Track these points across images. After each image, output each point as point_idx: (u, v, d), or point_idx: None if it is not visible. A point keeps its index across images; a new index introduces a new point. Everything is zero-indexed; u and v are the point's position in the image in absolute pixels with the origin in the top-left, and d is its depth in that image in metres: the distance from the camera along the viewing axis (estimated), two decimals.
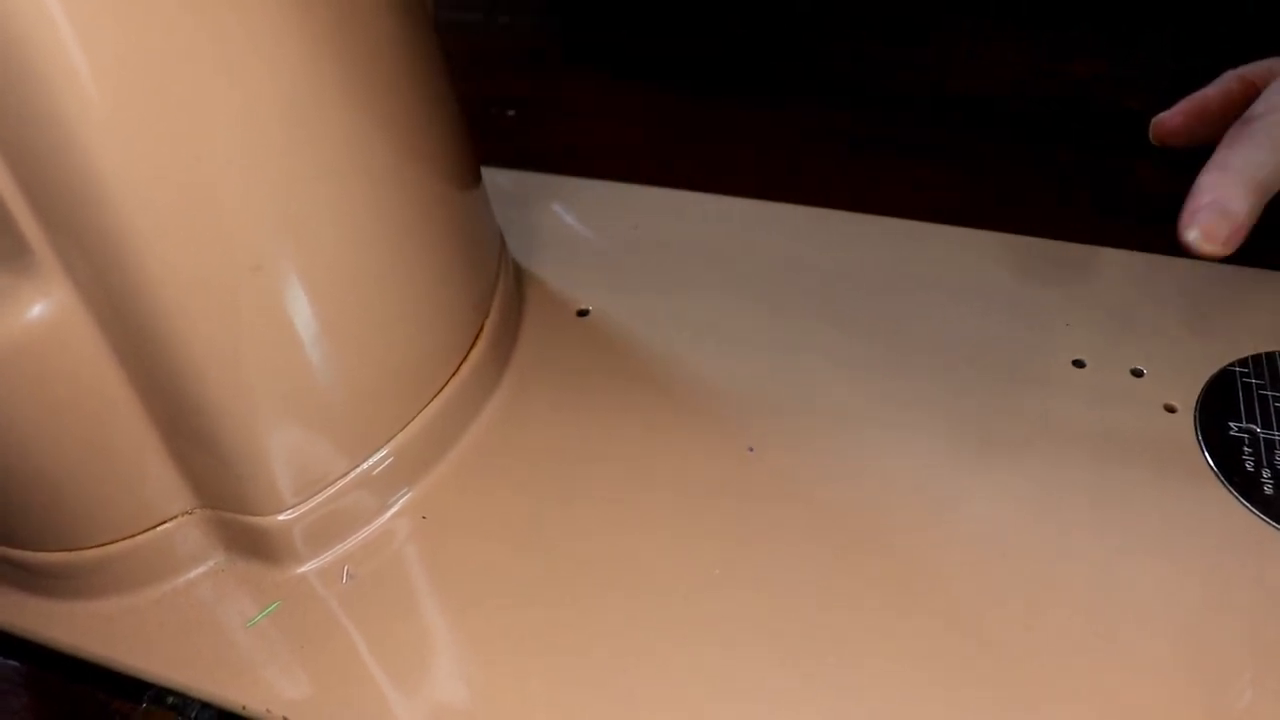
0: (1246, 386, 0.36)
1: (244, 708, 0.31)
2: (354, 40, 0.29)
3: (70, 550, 0.33)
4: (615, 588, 0.33)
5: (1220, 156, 0.39)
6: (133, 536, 0.33)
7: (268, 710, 0.31)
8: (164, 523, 0.33)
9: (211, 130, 0.26)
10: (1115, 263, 0.42)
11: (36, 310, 0.27)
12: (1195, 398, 0.36)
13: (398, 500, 0.36)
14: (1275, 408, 0.35)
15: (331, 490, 0.34)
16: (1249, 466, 0.34)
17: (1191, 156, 0.46)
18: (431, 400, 0.36)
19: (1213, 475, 0.34)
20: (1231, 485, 0.33)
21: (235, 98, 0.26)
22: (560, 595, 0.33)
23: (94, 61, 0.24)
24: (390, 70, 0.31)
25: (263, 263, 0.29)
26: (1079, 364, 0.38)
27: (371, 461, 0.34)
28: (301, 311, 0.30)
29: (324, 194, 0.29)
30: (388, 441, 0.35)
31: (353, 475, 0.34)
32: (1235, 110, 0.43)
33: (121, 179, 0.25)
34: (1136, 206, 0.46)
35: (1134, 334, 0.39)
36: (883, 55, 0.58)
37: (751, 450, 0.36)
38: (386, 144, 0.31)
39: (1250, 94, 0.44)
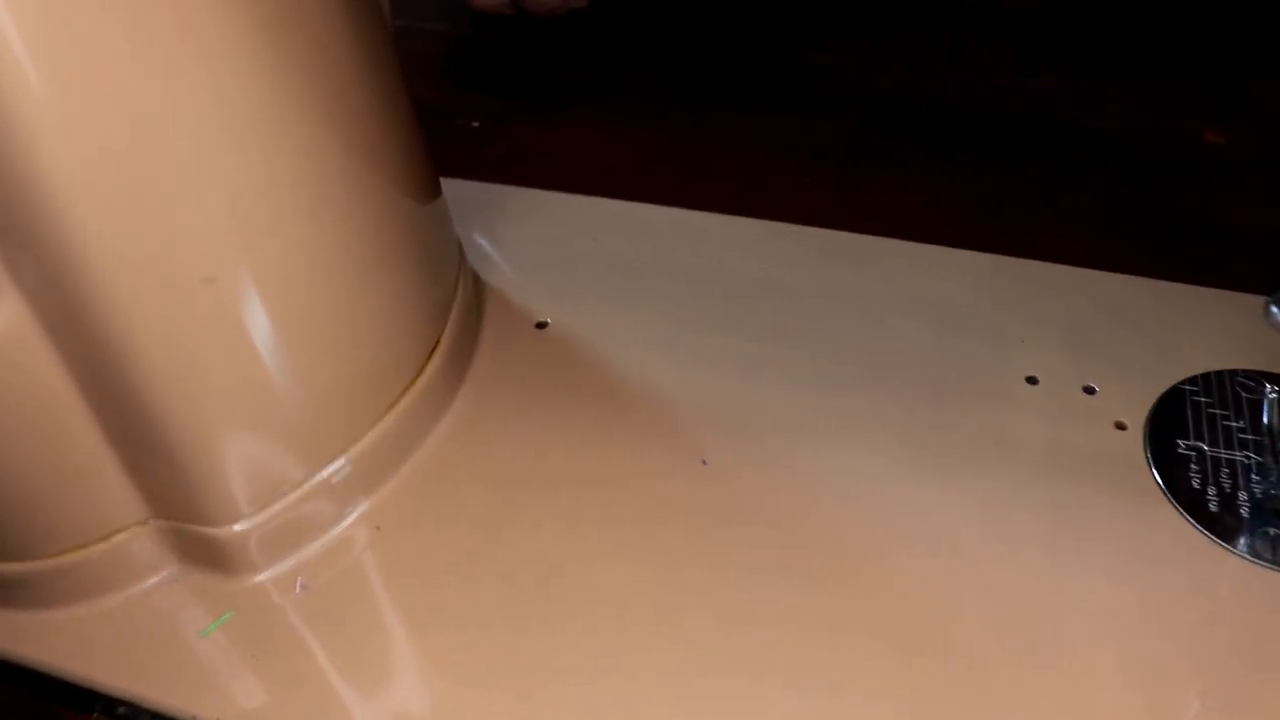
0: (1195, 405, 0.37)
1: (194, 718, 0.31)
2: (307, 49, 0.29)
3: (21, 560, 0.33)
4: (568, 603, 0.33)
5: None
6: (85, 547, 0.33)
7: None
8: (117, 533, 0.33)
9: (162, 141, 0.26)
10: (1069, 279, 0.42)
11: None
12: (1145, 415, 0.37)
13: (353, 511, 0.36)
14: (1223, 426, 0.36)
15: (287, 500, 0.34)
16: (1195, 484, 0.34)
17: (1167, 175, 0.46)
18: (389, 410, 0.36)
19: (1160, 492, 0.34)
20: (1178, 502, 0.34)
21: (186, 108, 0.26)
22: (512, 610, 0.33)
23: (42, 70, 0.23)
24: (344, 80, 0.31)
25: (216, 274, 0.29)
26: (1032, 380, 0.38)
27: (328, 471, 0.34)
28: (256, 322, 0.30)
29: (277, 205, 0.29)
30: (344, 451, 0.35)
31: (309, 485, 0.34)
32: None
33: (70, 188, 0.25)
34: (1102, 222, 0.46)
35: (1087, 351, 0.39)
36: (861, 64, 0.58)
37: (705, 463, 0.36)
38: (340, 154, 0.31)
39: None
